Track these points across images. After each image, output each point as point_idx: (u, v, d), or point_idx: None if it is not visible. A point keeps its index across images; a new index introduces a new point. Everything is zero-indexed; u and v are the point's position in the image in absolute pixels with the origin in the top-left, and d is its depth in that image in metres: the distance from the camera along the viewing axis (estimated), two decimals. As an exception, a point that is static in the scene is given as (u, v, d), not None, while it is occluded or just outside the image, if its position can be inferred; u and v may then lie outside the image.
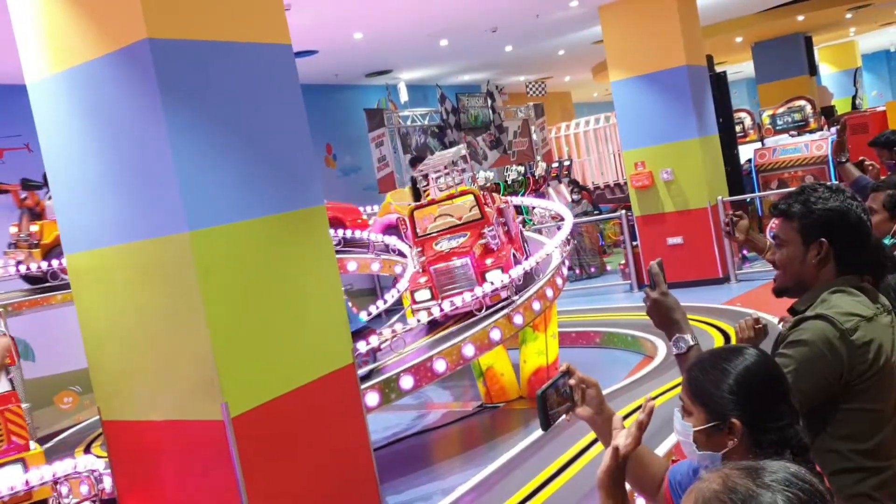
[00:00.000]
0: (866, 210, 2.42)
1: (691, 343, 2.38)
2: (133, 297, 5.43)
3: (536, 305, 7.88)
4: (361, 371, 6.39)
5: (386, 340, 6.90)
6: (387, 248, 10.22)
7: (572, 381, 2.12)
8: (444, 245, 7.89)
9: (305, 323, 5.71)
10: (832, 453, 2.25)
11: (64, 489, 4.89)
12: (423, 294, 7.64)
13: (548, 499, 5.75)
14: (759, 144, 15.99)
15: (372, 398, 6.65)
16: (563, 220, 10.25)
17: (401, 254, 9.77)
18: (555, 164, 19.81)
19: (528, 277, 8.20)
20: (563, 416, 2.12)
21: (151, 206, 5.21)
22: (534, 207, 14.79)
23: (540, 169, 18.96)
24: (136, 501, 5.59)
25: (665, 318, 2.42)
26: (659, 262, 2.48)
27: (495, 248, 7.81)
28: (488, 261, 7.67)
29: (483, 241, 7.77)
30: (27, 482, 4.48)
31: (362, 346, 6.69)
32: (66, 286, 8.93)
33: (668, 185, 12.92)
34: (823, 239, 2.37)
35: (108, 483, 5.13)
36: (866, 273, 2.43)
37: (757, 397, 1.84)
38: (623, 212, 13.83)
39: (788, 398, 1.86)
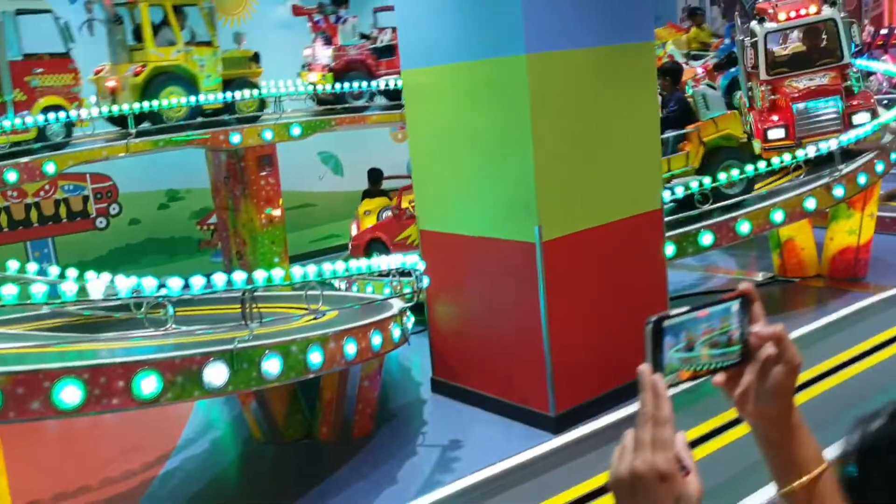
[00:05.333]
0: None
1: None
2: (464, 116, 5.67)
3: (862, 179, 7.18)
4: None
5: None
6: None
7: (758, 328, 1.12)
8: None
9: (622, 160, 5.66)
10: None
11: (395, 282, 5.49)
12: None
13: (847, 380, 5.41)
14: None
15: (668, 249, 6.57)
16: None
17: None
18: (883, 31, 17.36)
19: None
20: (707, 379, 1.13)
21: (490, 26, 5.30)
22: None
23: (866, 34, 16.73)
24: (443, 303, 6.11)
25: None
26: None
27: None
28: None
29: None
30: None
31: (668, 195, 6.54)
32: (361, 109, 9.41)
33: None
34: None
35: (426, 282, 5.61)
36: None
37: None
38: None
39: None
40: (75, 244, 9.46)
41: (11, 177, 6.97)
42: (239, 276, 4.28)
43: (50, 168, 7.15)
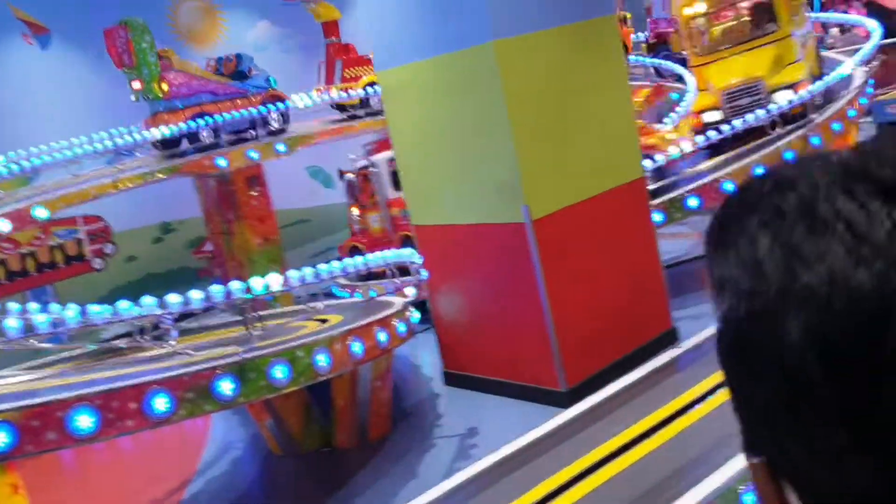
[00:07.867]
0: None
1: None
2: (441, 109, 5.74)
3: (836, 126, 7.28)
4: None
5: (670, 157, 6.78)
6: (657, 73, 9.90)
7: None
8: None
9: (599, 134, 5.73)
10: None
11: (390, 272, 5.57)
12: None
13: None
14: None
15: (657, 217, 6.65)
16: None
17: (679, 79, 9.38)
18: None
19: (828, 97, 7.57)
20: None
21: (455, 18, 5.37)
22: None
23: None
24: (444, 293, 6.17)
25: None
26: None
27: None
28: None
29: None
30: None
31: (648, 164, 6.63)
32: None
33: None
34: None
35: (424, 274, 5.68)
36: None
37: None
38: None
39: None
40: (75, 288, 9.51)
41: (4, 227, 7.03)
42: (235, 285, 4.34)
43: (40, 213, 7.22)
